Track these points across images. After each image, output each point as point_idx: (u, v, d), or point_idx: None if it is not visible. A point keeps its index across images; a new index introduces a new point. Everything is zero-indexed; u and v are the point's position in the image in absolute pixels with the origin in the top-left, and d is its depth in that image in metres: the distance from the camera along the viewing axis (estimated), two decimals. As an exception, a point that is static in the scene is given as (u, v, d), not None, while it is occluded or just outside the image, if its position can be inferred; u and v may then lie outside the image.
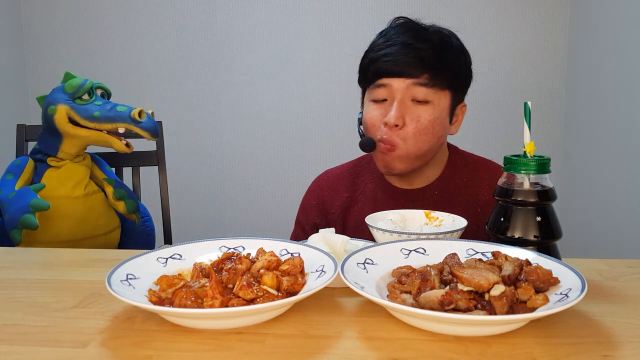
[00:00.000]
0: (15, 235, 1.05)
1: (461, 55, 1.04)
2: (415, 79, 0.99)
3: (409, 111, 1.00)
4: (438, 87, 1.00)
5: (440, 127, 1.02)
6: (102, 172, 1.25)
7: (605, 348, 0.54)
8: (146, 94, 2.58)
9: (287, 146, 2.57)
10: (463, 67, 1.04)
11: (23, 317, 0.63)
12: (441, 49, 1.00)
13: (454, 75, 1.02)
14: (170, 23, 2.53)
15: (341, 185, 1.17)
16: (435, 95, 1.00)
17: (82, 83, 1.14)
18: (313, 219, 1.17)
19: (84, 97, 1.14)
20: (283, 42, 2.50)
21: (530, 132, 0.73)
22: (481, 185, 1.08)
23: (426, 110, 1.00)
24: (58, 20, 2.57)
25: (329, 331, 0.58)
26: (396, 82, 1.00)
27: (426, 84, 0.99)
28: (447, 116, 1.03)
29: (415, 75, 0.99)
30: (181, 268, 0.71)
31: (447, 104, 1.02)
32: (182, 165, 2.58)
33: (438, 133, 1.02)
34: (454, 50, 1.03)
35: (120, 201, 1.20)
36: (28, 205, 1.05)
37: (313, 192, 1.20)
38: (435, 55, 0.99)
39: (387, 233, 0.79)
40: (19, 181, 1.15)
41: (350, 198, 1.15)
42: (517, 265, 0.62)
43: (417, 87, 0.99)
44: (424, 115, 1.00)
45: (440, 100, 1.01)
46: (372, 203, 1.11)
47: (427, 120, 1.00)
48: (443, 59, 1.00)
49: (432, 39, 1.01)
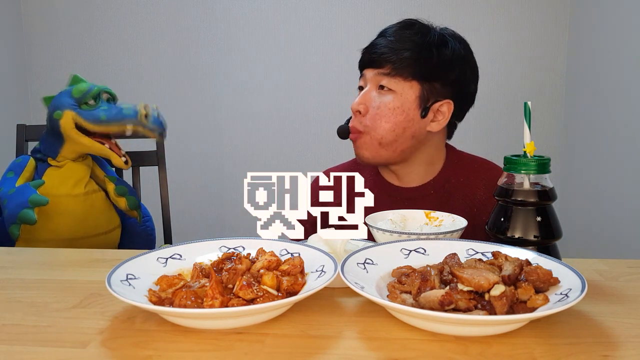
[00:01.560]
0: (14, 231, 1.06)
1: (438, 48, 1.04)
2: (381, 69, 1.04)
3: (373, 99, 1.05)
4: (401, 77, 1.02)
5: (403, 118, 1.03)
6: (103, 171, 1.25)
7: (605, 348, 0.54)
8: (146, 94, 2.57)
9: (287, 146, 2.57)
10: (439, 60, 1.03)
11: (23, 317, 0.63)
12: (412, 40, 1.03)
13: (422, 67, 1.02)
14: (171, 23, 2.53)
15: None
16: (398, 85, 1.03)
17: (89, 89, 1.15)
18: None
19: (90, 103, 1.15)
20: (283, 42, 2.50)
21: (530, 132, 0.73)
22: (478, 185, 1.09)
23: (388, 98, 1.04)
24: (58, 20, 2.57)
25: (329, 331, 0.58)
26: (368, 72, 1.07)
27: (389, 74, 1.03)
28: (414, 108, 1.04)
29: (381, 65, 1.03)
30: (181, 268, 0.71)
31: (414, 95, 1.03)
32: (182, 165, 2.58)
33: (401, 123, 1.03)
34: (429, 42, 1.03)
35: (122, 197, 1.21)
36: (27, 201, 1.05)
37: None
38: (402, 46, 1.02)
39: (387, 233, 0.79)
40: (20, 179, 1.15)
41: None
42: (517, 265, 0.62)
43: (382, 76, 1.04)
44: (384, 102, 1.04)
45: (404, 91, 1.03)
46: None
47: (387, 108, 1.03)
48: (410, 49, 1.02)
49: (408, 31, 1.05)
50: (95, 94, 1.15)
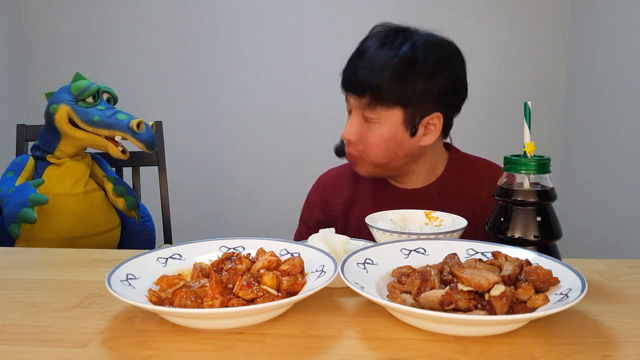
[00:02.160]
0: (14, 230, 1.06)
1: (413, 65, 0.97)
2: (362, 98, 1.00)
3: (360, 128, 1.03)
4: (382, 106, 0.99)
5: (392, 143, 1.02)
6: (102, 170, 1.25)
7: (605, 348, 0.54)
8: (146, 94, 2.58)
9: (287, 146, 2.57)
10: (415, 82, 0.97)
11: (23, 317, 0.63)
12: (384, 63, 0.97)
13: (398, 93, 0.98)
14: (171, 23, 2.53)
15: (343, 184, 1.19)
16: (381, 115, 1.00)
17: (88, 86, 1.15)
18: (317, 215, 1.19)
19: (88, 100, 1.15)
20: (283, 42, 2.50)
21: (530, 132, 0.73)
22: (482, 187, 1.08)
23: (373, 127, 1.02)
24: (58, 20, 2.57)
25: (329, 331, 0.58)
26: (352, 99, 1.04)
27: (369, 104, 1.00)
28: (401, 131, 1.01)
29: (361, 94, 1.00)
30: (181, 268, 0.71)
31: (399, 121, 1.00)
32: (182, 165, 2.58)
33: (391, 148, 1.02)
34: (404, 61, 0.97)
35: (120, 197, 1.21)
36: (27, 200, 1.05)
37: (317, 190, 1.22)
38: (372, 77, 0.98)
39: (387, 233, 0.79)
40: (20, 179, 1.15)
41: (352, 196, 1.16)
42: (517, 265, 0.62)
43: (365, 107, 1.01)
44: (371, 132, 1.02)
45: (389, 119, 1.00)
46: (372, 202, 1.13)
47: (375, 137, 1.01)
48: (383, 77, 0.97)
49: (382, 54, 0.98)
50: (93, 92, 1.15)
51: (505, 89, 2.41)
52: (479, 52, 2.36)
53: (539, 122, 2.40)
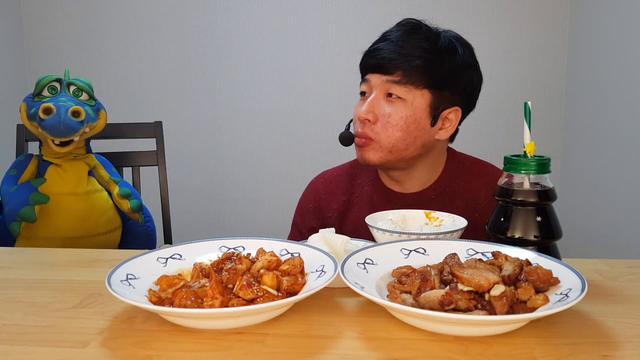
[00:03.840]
0: (14, 228, 1.06)
1: (448, 55, 1.01)
2: (390, 76, 0.99)
3: (381, 107, 1.01)
4: (412, 85, 0.99)
5: (414, 127, 1.00)
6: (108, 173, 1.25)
7: (605, 348, 0.54)
8: (146, 94, 2.58)
9: (287, 146, 2.57)
10: (449, 68, 1.00)
11: (23, 317, 0.63)
12: (422, 47, 0.99)
13: (434, 75, 0.99)
14: (170, 23, 2.53)
15: (338, 188, 1.16)
16: (409, 94, 0.99)
17: (40, 79, 1.12)
18: (310, 222, 1.16)
19: (43, 94, 1.12)
20: (282, 42, 2.50)
21: (530, 132, 0.73)
22: (479, 189, 1.07)
23: (398, 107, 1.00)
24: (58, 21, 2.57)
25: (329, 331, 0.58)
26: (374, 78, 1.02)
27: (399, 82, 0.99)
28: (425, 117, 1.01)
29: (390, 71, 0.99)
30: (181, 268, 0.71)
31: (425, 104, 1.00)
32: (182, 165, 2.58)
33: (413, 132, 1.00)
34: (440, 49, 1.00)
35: (125, 199, 1.20)
36: (28, 199, 1.05)
37: (310, 195, 1.19)
38: (413, 53, 0.98)
39: (387, 233, 0.79)
40: (22, 177, 1.15)
41: (347, 201, 1.14)
42: (517, 265, 0.62)
43: (391, 83, 1.00)
44: (395, 111, 1.00)
45: (415, 99, 1.00)
46: (368, 207, 1.11)
47: (399, 117, 0.99)
48: (421, 56, 0.98)
49: (417, 37, 1.00)
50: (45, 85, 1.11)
51: (505, 89, 2.41)
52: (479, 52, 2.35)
53: (539, 122, 2.40)
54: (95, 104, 1.18)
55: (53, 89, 1.12)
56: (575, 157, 2.31)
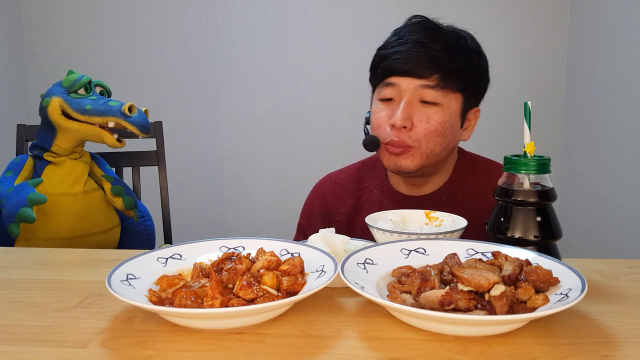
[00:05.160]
0: (13, 229, 1.06)
1: (476, 57, 1.00)
2: (425, 80, 0.95)
3: (417, 112, 0.96)
4: (448, 89, 0.96)
5: (450, 131, 0.98)
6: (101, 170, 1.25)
7: (605, 348, 0.54)
8: (146, 94, 2.58)
9: (287, 146, 2.57)
10: (478, 70, 1.00)
11: (23, 317, 0.63)
12: (454, 50, 0.96)
13: (467, 78, 0.97)
14: (171, 23, 2.53)
15: (345, 192, 1.13)
16: (445, 98, 0.96)
17: (79, 78, 1.15)
18: (317, 226, 1.13)
19: (80, 92, 1.14)
20: (283, 42, 2.50)
21: (530, 132, 0.73)
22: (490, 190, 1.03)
23: (436, 112, 0.96)
24: (58, 20, 2.57)
25: (329, 331, 0.58)
26: (405, 82, 0.96)
27: (436, 86, 0.95)
28: (457, 120, 0.99)
29: (425, 75, 0.95)
30: (181, 268, 0.71)
31: (458, 107, 0.98)
32: (182, 165, 2.58)
33: (449, 137, 0.98)
34: (469, 52, 0.99)
35: (118, 197, 1.20)
36: (26, 199, 1.05)
37: (316, 199, 1.16)
38: (447, 56, 0.95)
39: (387, 233, 0.79)
40: (18, 178, 1.15)
41: (355, 205, 1.11)
42: (517, 265, 0.62)
43: (426, 88, 0.95)
44: (433, 117, 0.96)
45: (450, 103, 0.97)
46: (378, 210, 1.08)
47: (437, 122, 0.96)
48: (455, 60, 0.95)
49: (446, 38, 0.97)
50: (84, 84, 1.15)
51: (505, 89, 2.41)
52: (479, 52, 2.36)
53: (539, 122, 2.40)
54: None
55: (86, 88, 1.16)
56: (575, 157, 2.31)
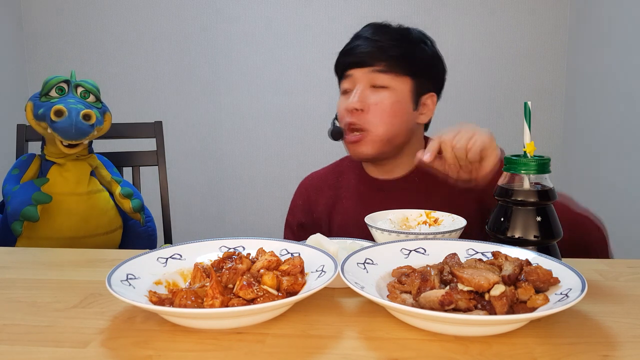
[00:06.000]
0: (17, 227, 1.06)
1: (420, 45, 1.10)
2: (374, 67, 1.07)
3: (370, 96, 1.07)
4: (396, 73, 1.07)
5: (402, 111, 1.08)
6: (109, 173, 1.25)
7: (605, 348, 0.54)
8: (146, 94, 2.58)
9: (287, 146, 2.57)
10: (424, 57, 1.10)
11: (23, 317, 0.63)
12: (398, 40, 1.08)
13: (413, 63, 1.08)
14: (170, 23, 2.53)
15: (325, 185, 1.22)
16: (393, 81, 1.07)
17: (48, 80, 1.11)
18: (299, 218, 1.22)
19: (51, 94, 1.11)
20: (283, 42, 2.50)
21: (530, 132, 0.73)
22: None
23: (385, 94, 1.07)
24: (58, 20, 2.57)
25: (329, 331, 0.58)
26: (358, 72, 1.08)
27: (384, 71, 1.06)
28: (409, 101, 1.09)
29: (374, 63, 1.07)
30: (181, 268, 0.71)
31: (408, 90, 1.08)
32: (182, 165, 2.58)
33: (402, 117, 1.08)
34: (413, 41, 1.10)
35: (127, 199, 1.20)
36: (30, 198, 1.05)
37: (299, 194, 1.25)
38: (392, 44, 1.07)
39: (387, 233, 0.79)
40: (24, 177, 1.15)
41: (334, 195, 1.19)
42: (517, 265, 0.62)
43: (376, 73, 1.07)
44: (384, 99, 1.06)
45: (399, 86, 1.07)
46: (356, 197, 1.16)
47: (388, 104, 1.06)
48: (399, 47, 1.07)
49: (390, 32, 1.10)
50: (53, 85, 1.10)
51: (505, 89, 2.41)
52: (479, 52, 2.36)
53: (539, 122, 2.40)
54: (101, 107, 1.18)
55: (61, 89, 1.11)
56: (575, 157, 2.31)
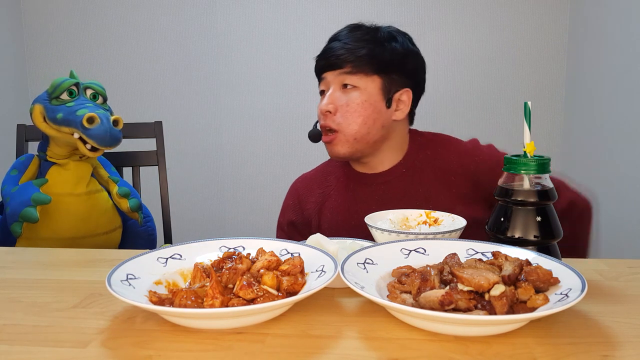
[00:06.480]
0: (16, 228, 1.06)
1: (388, 42, 1.11)
2: (342, 69, 1.10)
3: (339, 97, 1.11)
4: (362, 73, 1.09)
5: (372, 110, 1.09)
6: (107, 172, 1.25)
7: (605, 348, 0.54)
8: (146, 94, 2.58)
9: (287, 146, 2.57)
10: (393, 55, 1.11)
11: (23, 317, 0.63)
12: (363, 40, 1.10)
13: (380, 62, 1.09)
14: (170, 23, 2.53)
15: (315, 184, 1.25)
16: (362, 81, 1.09)
17: (59, 83, 1.11)
18: (289, 216, 1.25)
19: (62, 97, 1.11)
20: (283, 42, 2.50)
21: (530, 132, 0.73)
22: (449, 157, 1.14)
23: (354, 94, 1.10)
24: (58, 20, 2.57)
25: (329, 331, 0.58)
26: (329, 75, 1.13)
27: (352, 72, 1.09)
28: (379, 100, 1.10)
29: (343, 65, 1.10)
30: (181, 268, 0.71)
31: (377, 88, 1.10)
32: (182, 165, 2.58)
33: (371, 116, 1.09)
34: (379, 39, 1.11)
35: (124, 199, 1.20)
36: (29, 199, 1.05)
37: (290, 194, 1.29)
38: (357, 46, 1.09)
39: (387, 233, 0.79)
40: (23, 177, 1.15)
41: (323, 193, 1.23)
42: (517, 265, 0.62)
43: (344, 74, 1.10)
44: (353, 99, 1.09)
45: (368, 85, 1.10)
46: (345, 193, 1.18)
47: (355, 103, 1.09)
48: (364, 47, 1.09)
49: (359, 32, 1.12)
50: (66, 88, 1.10)
51: (505, 89, 2.41)
52: (479, 52, 2.36)
53: (539, 122, 2.40)
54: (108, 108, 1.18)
55: (71, 92, 1.12)
56: (575, 157, 2.31)
